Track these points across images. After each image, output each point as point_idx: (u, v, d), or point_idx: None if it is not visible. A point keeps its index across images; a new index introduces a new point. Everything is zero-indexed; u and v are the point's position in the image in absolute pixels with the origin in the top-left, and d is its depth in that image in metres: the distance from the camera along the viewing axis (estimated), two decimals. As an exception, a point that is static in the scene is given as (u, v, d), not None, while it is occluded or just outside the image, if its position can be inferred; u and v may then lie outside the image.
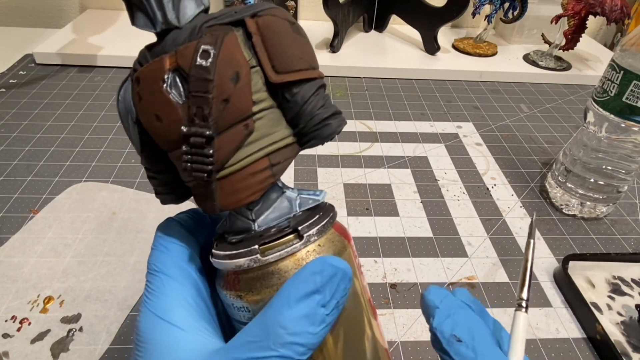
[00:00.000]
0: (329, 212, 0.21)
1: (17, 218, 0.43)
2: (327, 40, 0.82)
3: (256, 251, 0.19)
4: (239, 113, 0.17)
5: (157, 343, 0.18)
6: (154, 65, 0.18)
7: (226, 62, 0.17)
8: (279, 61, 0.18)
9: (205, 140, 0.17)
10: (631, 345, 0.36)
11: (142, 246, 0.41)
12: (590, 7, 0.69)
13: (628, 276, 0.41)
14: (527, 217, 0.48)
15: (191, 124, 0.17)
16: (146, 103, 0.18)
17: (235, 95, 0.17)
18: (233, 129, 0.17)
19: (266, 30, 0.18)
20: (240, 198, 0.18)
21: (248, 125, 0.18)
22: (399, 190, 0.50)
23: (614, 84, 0.41)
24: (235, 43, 0.17)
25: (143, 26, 0.18)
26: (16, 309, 0.35)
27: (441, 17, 0.78)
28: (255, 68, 0.18)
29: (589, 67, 0.81)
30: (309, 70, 0.19)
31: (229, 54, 0.17)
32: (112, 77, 0.70)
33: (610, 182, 0.45)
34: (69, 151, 0.53)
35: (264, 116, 0.18)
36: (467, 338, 0.18)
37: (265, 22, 0.18)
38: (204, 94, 0.17)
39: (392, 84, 0.74)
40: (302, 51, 0.19)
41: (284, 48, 0.18)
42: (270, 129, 0.18)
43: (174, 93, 0.17)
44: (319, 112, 0.19)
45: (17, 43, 0.78)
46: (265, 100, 0.18)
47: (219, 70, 0.17)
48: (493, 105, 0.70)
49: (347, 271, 0.18)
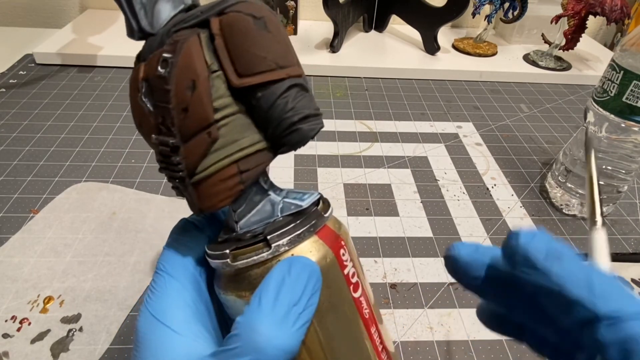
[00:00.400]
0: (311, 219, 0.19)
1: (17, 218, 0.43)
2: (327, 40, 0.82)
3: (227, 255, 0.19)
4: (199, 122, 0.17)
5: (151, 345, 0.18)
6: (133, 73, 0.18)
7: (183, 70, 0.16)
8: (240, 63, 0.17)
9: (170, 149, 0.17)
10: (631, 345, 0.35)
11: (142, 246, 0.41)
12: (590, 7, 0.69)
13: (628, 276, 0.41)
14: (527, 217, 0.48)
15: (159, 133, 0.17)
16: (132, 108, 0.19)
17: (193, 104, 0.17)
18: (197, 138, 0.17)
19: (228, 29, 0.17)
20: (213, 203, 0.18)
21: (211, 133, 0.17)
22: (399, 190, 0.50)
23: (614, 84, 0.41)
24: (197, 48, 0.17)
25: (129, 36, 0.18)
26: (16, 309, 0.35)
27: (441, 17, 0.78)
28: (217, 73, 0.17)
29: (589, 67, 0.81)
30: (275, 71, 0.17)
31: (187, 61, 0.16)
32: (112, 77, 0.70)
33: (610, 182, 0.45)
34: (69, 151, 0.53)
35: (229, 122, 0.17)
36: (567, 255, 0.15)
37: (228, 20, 0.17)
38: (164, 104, 0.17)
39: (392, 84, 0.74)
40: (267, 50, 0.17)
41: (245, 48, 0.17)
42: (238, 135, 0.18)
43: (147, 102, 0.17)
44: (286, 116, 0.17)
45: (17, 43, 0.78)
46: (230, 105, 0.17)
47: (177, 79, 0.16)
48: (493, 105, 0.70)
49: (314, 268, 0.18)
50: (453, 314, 0.37)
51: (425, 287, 0.39)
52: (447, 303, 0.38)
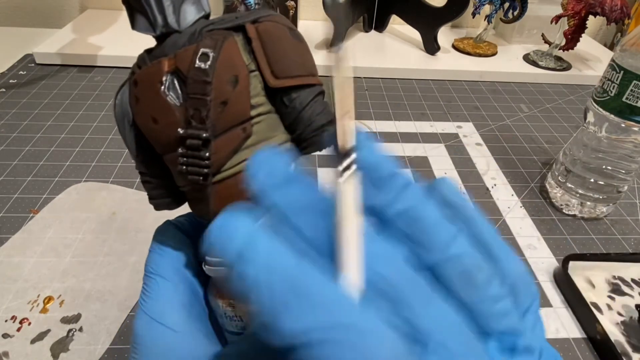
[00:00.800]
0: None
1: (17, 218, 0.43)
2: (327, 40, 0.81)
3: None
4: (236, 116, 0.17)
5: (151, 345, 0.18)
6: (152, 67, 0.18)
7: (225, 65, 0.17)
8: (278, 66, 0.18)
9: (201, 142, 0.17)
10: (631, 345, 0.36)
11: (142, 246, 0.41)
12: (590, 7, 0.69)
13: (628, 276, 0.41)
14: (527, 217, 0.48)
15: (188, 126, 0.17)
16: (143, 105, 0.18)
17: (234, 98, 0.17)
18: (230, 132, 0.17)
19: (266, 35, 0.18)
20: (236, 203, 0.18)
21: (246, 129, 0.18)
22: (399, 190, 0.50)
23: (614, 84, 0.41)
24: (235, 47, 0.17)
25: (144, 30, 0.18)
26: (16, 309, 0.35)
27: (441, 17, 0.78)
28: (254, 72, 0.18)
29: (589, 67, 0.81)
30: (308, 77, 0.19)
31: (228, 57, 0.17)
32: (112, 77, 0.70)
33: (610, 182, 0.45)
34: (69, 151, 0.53)
35: (262, 120, 0.18)
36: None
37: (265, 28, 0.18)
38: (202, 96, 0.17)
39: (392, 84, 0.74)
40: (302, 57, 0.19)
41: (283, 53, 0.18)
42: (268, 133, 0.18)
43: (171, 95, 0.17)
44: (317, 119, 0.19)
45: (17, 43, 0.78)
46: (264, 104, 0.18)
47: (218, 73, 0.17)
48: (493, 105, 0.70)
49: None
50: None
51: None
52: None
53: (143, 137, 0.19)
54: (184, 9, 0.18)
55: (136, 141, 0.19)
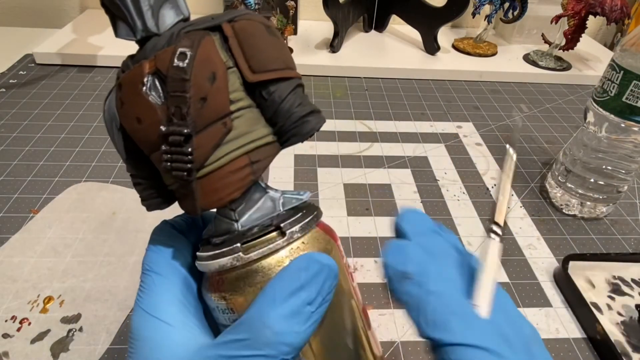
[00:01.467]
0: (313, 210, 0.21)
1: (17, 218, 0.43)
2: (327, 40, 0.82)
3: (238, 249, 0.19)
4: (216, 111, 0.18)
5: (147, 339, 0.18)
6: (134, 70, 0.18)
7: (203, 63, 0.17)
8: (255, 61, 0.18)
9: (183, 138, 0.17)
10: (631, 345, 0.36)
11: (142, 246, 0.41)
12: (590, 7, 0.69)
13: (628, 276, 0.41)
14: (527, 217, 0.48)
15: (169, 124, 0.18)
16: (127, 107, 0.19)
17: (213, 93, 0.18)
18: (211, 127, 0.18)
19: (242, 32, 0.18)
20: (220, 196, 0.19)
21: (226, 124, 0.18)
22: (399, 190, 0.50)
23: (614, 84, 0.41)
24: (212, 45, 0.18)
25: (125, 35, 0.19)
26: (16, 309, 0.35)
27: (441, 17, 0.78)
28: (232, 69, 0.18)
29: (589, 67, 0.81)
30: (286, 70, 0.19)
31: (206, 55, 0.18)
32: (112, 77, 0.70)
33: (610, 182, 0.45)
34: (69, 151, 0.53)
35: (242, 115, 0.19)
36: (416, 269, 0.17)
37: (241, 25, 0.18)
38: (181, 93, 0.17)
39: (392, 84, 0.74)
40: (278, 52, 0.19)
41: (259, 48, 0.18)
42: (249, 127, 0.19)
43: (153, 95, 0.18)
44: (296, 110, 0.19)
45: (17, 43, 0.78)
46: (243, 99, 0.19)
47: (196, 70, 0.17)
48: (493, 105, 0.70)
49: (333, 267, 0.17)
50: (453, 314, 0.37)
51: (425, 287, 0.39)
52: (447, 303, 0.38)
53: (130, 140, 0.20)
54: (162, 13, 0.19)
55: (124, 144, 0.20)
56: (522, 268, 0.42)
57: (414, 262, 0.17)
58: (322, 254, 0.18)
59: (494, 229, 0.19)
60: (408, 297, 0.16)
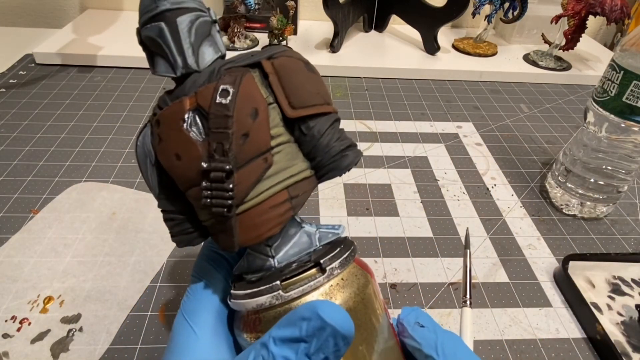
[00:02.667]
0: (350, 245, 0.21)
1: (17, 218, 0.43)
2: (327, 40, 0.82)
3: (278, 287, 0.18)
4: (258, 147, 0.18)
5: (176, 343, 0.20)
6: (174, 107, 0.18)
7: (245, 99, 0.18)
8: (295, 97, 0.19)
9: (225, 174, 0.18)
10: (631, 345, 0.36)
11: (142, 246, 0.41)
12: (590, 7, 0.69)
13: (628, 276, 0.41)
14: (527, 217, 0.48)
15: (211, 160, 0.18)
16: (166, 143, 0.19)
17: (254, 130, 0.18)
18: (252, 163, 0.18)
19: (282, 69, 0.19)
20: (260, 233, 0.19)
21: (267, 159, 0.18)
22: (399, 190, 0.50)
23: (614, 84, 0.41)
24: (253, 82, 0.18)
25: (164, 72, 0.19)
26: (16, 309, 0.35)
27: (441, 17, 0.78)
28: (273, 105, 0.19)
29: (589, 67, 0.81)
30: (324, 105, 0.19)
31: (247, 91, 0.18)
32: (112, 77, 0.70)
33: (610, 182, 0.45)
34: (69, 151, 0.53)
35: (282, 150, 0.19)
36: (428, 324, 0.21)
37: (280, 62, 0.19)
38: (224, 130, 0.17)
39: (392, 84, 0.74)
40: (317, 87, 0.19)
41: (299, 85, 0.19)
42: (288, 162, 0.19)
43: (194, 131, 0.18)
44: (335, 145, 0.19)
45: (17, 43, 0.78)
46: (283, 134, 0.19)
47: (238, 106, 0.17)
48: (493, 105, 0.70)
49: (339, 329, 0.16)
50: (453, 313, 0.37)
51: (425, 287, 0.39)
52: (447, 303, 0.38)
53: (166, 175, 0.20)
54: (202, 51, 0.19)
55: (159, 180, 0.20)
56: (522, 268, 0.42)
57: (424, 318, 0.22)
58: (337, 307, 0.16)
59: (466, 301, 0.32)
60: (423, 338, 0.20)
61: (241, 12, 0.73)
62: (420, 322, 0.21)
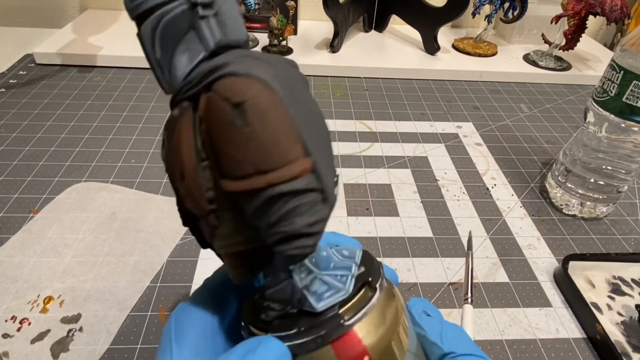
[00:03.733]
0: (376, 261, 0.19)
1: (17, 218, 0.43)
2: (327, 40, 0.82)
3: (339, 316, 0.16)
4: (196, 209, 0.16)
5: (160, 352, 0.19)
6: None
7: (174, 156, 0.15)
8: (221, 162, 0.14)
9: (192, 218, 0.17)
10: (631, 345, 0.36)
11: (142, 246, 0.41)
12: (590, 7, 0.69)
13: (628, 276, 0.41)
14: (527, 217, 0.48)
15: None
16: None
17: (186, 193, 0.16)
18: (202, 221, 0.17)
19: (210, 116, 0.14)
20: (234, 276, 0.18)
21: (208, 222, 0.17)
22: (399, 190, 0.50)
23: (614, 84, 0.41)
24: (188, 131, 0.15)
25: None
26: (16, 309, 0.35)
27: (441, 17, 0.78)
28: (205, 163, 0.15)
29: (589, 67, 0.81)
30: (252, 178, 0.14)
31: (176, 147, 0.15)
32: (112, 77, 0.70)
33: (610, 182, 0.45)
34: (69, 151, 0.53)
35: (222, 215, 0.16)
36: (435, 314, 0.22)
37: (210, 105, 0.14)
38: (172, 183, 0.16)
39: (392, 84, 0.74)
40: (244, 151, 0.14)
41: (221, 146, 0.14)
42: (232, 229, 0.17)
43: None
44: (266, 234, 0.15)
45: (17, 43, 0.78)
46: (221, 199, 0.16)
47: (171, 164, 0.16)
48: (493, 105, 0.70)
49: None
50: (453, 314, 0.37)
51: (425, 287, 0.39)
52: (447, 303, 0.38)
53: None
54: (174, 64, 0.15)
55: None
56: (522, 268, 0.42)
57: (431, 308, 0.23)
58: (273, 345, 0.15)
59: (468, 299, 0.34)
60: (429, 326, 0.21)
61: (241, 12, 0.72)
62: (427, 311, 0.22)
